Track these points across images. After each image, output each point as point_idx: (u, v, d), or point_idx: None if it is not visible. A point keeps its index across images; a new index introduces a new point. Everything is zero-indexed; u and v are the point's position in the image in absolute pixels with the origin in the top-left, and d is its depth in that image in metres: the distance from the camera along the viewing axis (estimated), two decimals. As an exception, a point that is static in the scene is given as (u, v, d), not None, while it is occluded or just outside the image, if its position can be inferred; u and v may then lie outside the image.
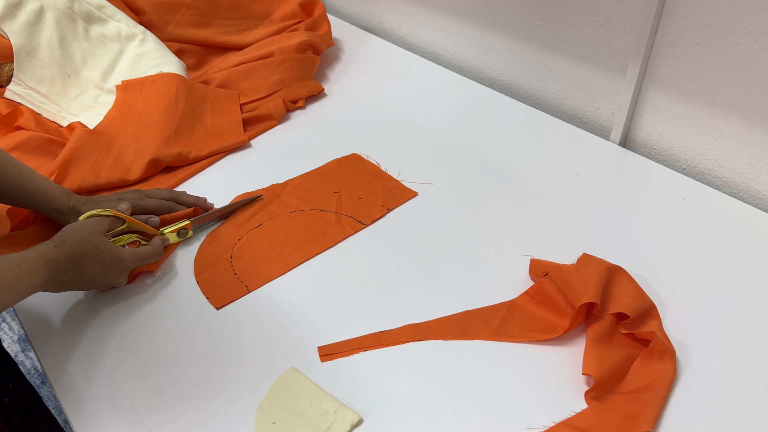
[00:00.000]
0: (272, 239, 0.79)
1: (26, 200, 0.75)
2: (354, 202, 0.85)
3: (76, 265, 0.65)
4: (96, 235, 0.68)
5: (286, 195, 0.86)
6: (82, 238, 0.66)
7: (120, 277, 0.71)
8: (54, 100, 1.03)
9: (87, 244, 0.66)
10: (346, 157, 0.93)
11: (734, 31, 0.76)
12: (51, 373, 0.66)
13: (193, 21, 1.18)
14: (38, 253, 0.61)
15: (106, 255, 0.68)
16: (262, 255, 0.77)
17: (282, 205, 0.85)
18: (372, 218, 0.82)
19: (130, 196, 0.81)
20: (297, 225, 0.81)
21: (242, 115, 1.01)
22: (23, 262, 0.59)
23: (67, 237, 0.65)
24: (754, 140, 0.81)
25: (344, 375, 0.64)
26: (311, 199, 0.85)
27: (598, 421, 0.58)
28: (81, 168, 0.89)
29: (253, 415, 0.60)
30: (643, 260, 0.74)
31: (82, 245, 0.65)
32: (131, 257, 0.71)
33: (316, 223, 0.82)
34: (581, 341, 0.65)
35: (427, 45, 1.22)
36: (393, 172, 0.90)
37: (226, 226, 0.82)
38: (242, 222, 0.82)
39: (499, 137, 0.96)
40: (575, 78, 0.98)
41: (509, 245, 0.77)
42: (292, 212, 0.83)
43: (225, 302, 0.72)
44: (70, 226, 0.68)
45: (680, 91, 0.85)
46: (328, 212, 0.83)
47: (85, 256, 0.65)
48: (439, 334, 0.67)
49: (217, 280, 0.74)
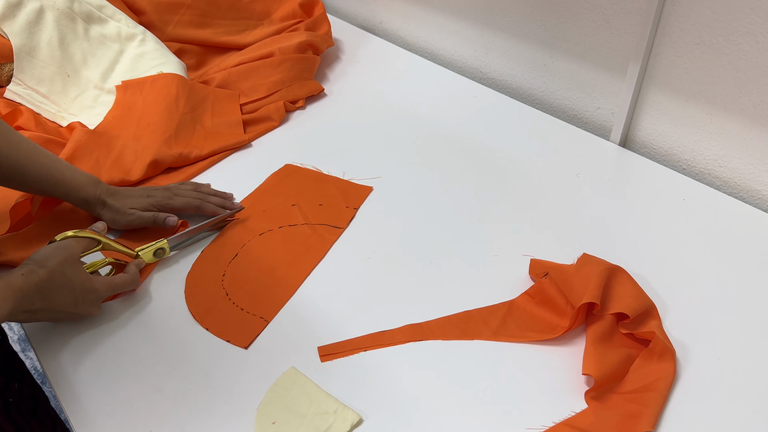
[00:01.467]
0: (259, 265, 0.76)
1: (53, 190, 0.74)
2: (317, 210, 0.83)
3: (45, 294, 0.62)
4: (67, 262, 0.64)
5: (247, 219, 0.83)
6: (51, 267, 0.62)
7: (92, 306, 0.68)
8: (54, 100, 1.03)
9: (56, 273, 0.63)
10: (281, 170, 0.91)
11: (734, 31, 0.76)
12: (51, 373, 0.66)
13: (193, 21, 1.18)
14: (4, 283, 0.58)
15: (76, 284, 0.65)
16: (259, 282, 0.74)
17: (248, 230, 0.81)
18: (345, 221, 0.82)
19: (159, 194, 0.80)
20: (275, 245, 0.79)
21: (243, 116, 1.01)
22: None
23: (35, 265, 0.62)
24: (754, 140, 0.81)
25: (344, 375, 0.64)
26: (274, 218, 0.82)
27: (598, 421, 0.58)
28: (81, 168, 0.88)
29: (253, 415, 0.60)
30: (643, 260, 0.74)
31: (51, 274, 0.62)
32: (104, 287, 0.68)
33: (294, 238, 0.80)
34: (581, 341, 0.65)
35: (427, 45, 1.22)
36: (338, 173, 0.90)
37: (201, 265, 0.77)
38: (215, 257, 0.78)
39: (498, 137, 0.96)
40: (575, 78, 0.98)
41: (509, 245, 0.77)
42: (262, 234, 0.80)
43: (250, 340, 0.68)
44: (40, 251, 0.64)
45: (680, 91, 0.85)
46: (299, 225, 0.81)
47: (54, 285, 0.62)
48: (439, 334, 0.67)
49: (227, 321, 0.70)
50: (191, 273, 0.76)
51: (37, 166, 0.71)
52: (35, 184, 0.72)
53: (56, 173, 0.73)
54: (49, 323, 0.71)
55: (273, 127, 1.02)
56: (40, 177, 0.72)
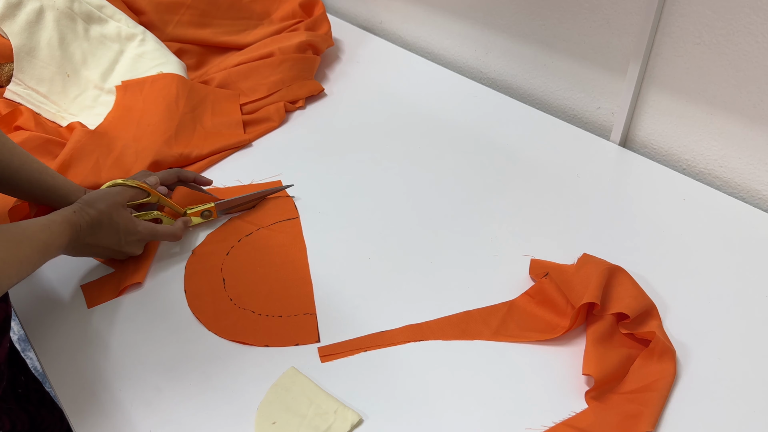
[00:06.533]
0: (255, 278, 0.75)
1: (44, 194, 0.75)
2: (261, 214, 0.84)
3: (93, 231, 0.68)
4: (113, 206, 0.71)
5: (208, 244, 0.81)
6: (99, 209, 0.69)
7: (134, 247, 0.74)
8: (54, 100, 1.03)
9: (103, 214, 0.69)
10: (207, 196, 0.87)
11: (734, 31, 0.76)
12: (51, 373, 0.66)
13: (193, 21, 1.18)
14: (62, 217, 0.65)
15: (120, 226, 0.71)
16: (275, 291, 0.73)
17: (214, 254, 0.79)
18: (293, 211, 0.84)
19: (139, 178, 0.81)
20: (252, 256, 0.78)
21: (243, 117, 1.01)
22: (51, 224, 0.63)
23: (85, 205, 0.69)
24: (754, 140, 0.81)
25: (344, 375, 0.64)
26: (228, 236, 0.81)
27: (598, 421, 0.58)
28: (81, 168, 0.89)
29: (253, 415, 0.60)
30: (643, 260, 0.74)
31: (99, 215, 0.69)
32: (146, 230, 0.74)
33: (263, 244, 0.79)
34: (581, 341, 0.65)
35: (427, 45, 1.22)
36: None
37: (195, 271, 0.76)
38: (204, 285, 0.75)
39: (498, 137, 0.96)
40: (575, 78, 0.98)
41: (509, 245, 0.77)
42: (229, 253, 0.78)
43: (316, 334, 0.68)
44: (90, 195, 0.71)
45: (680, 91, 0.85)
46: (255, 232, 0.81)
47: (101, 225, 0.69)
48: (439, 334, 0.67)
49: (281, 332, 0.69)
50: (188, 283, 0.75)
51: (30, 170, 0.73)
52: (27, 188, 0.73)
53: (48, 179, 0.75)
54: (49, 323, 0.71)
55: (273, 127, 1.01)
56: (32, 181, 0.73)
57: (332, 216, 0.84)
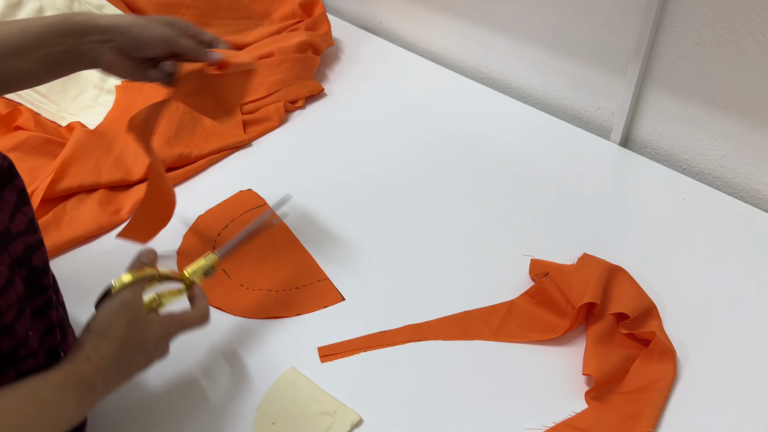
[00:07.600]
0: (263, 275, 0.76)
1: (60, 38, 0.59)
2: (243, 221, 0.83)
3: (119, 367, 0.51)
4: (135, 321, 0.53)
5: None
6: (119, 335, 0.51)
7: (164, 352, 0.57)
8: (53, 100, 1.03)
9: (128, 339, 0.52)
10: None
11: (734, 31, 0.76)
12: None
13: (193, 21, 1.17)
14: (63, 375, 0.46)
15: (149, 340, 0.54)
16: (292, 274, 0.75)
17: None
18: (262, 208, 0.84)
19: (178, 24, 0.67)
20: (251, 257, 0.78)
21: (243, 117, 1.01)
22: (41, 390, 0.44)
23: (98, 338, 0.50)
24: (754, 140, 0.81)
25: (344, 375, 0.64)
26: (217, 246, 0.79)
27: (598, 421, 0.58)
28: (81, 168, 0.88)
29: (253, 415, 0.60)
30: (643, 260, 0.74)
31: (122, 344, 0.51)
32: (174, 328, 0.57)
33: (257, 246, 0.79)
34: (581, 341, 0.65)
35: (427, 45, 1.22)
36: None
37: None
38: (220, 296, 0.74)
39: (498, 137, 0.96)
40: (575, 78, 0.98)
41: (509, 245, 0.77)
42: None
43: (337, 294, 0.73)
44: (98, 318, 0.52)
45: (680, 91, 0.85)
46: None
47: (128, 353, 0.52)
48: (439, 334, 0.67)
49: (269, 307, 0.70)
50: None
51: (37, 27, 0.58)
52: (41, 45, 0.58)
53: (62, 19, 0.59)
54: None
55: (273, 127, 1.01)
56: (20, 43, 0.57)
57: (332, 216, 0.84)
